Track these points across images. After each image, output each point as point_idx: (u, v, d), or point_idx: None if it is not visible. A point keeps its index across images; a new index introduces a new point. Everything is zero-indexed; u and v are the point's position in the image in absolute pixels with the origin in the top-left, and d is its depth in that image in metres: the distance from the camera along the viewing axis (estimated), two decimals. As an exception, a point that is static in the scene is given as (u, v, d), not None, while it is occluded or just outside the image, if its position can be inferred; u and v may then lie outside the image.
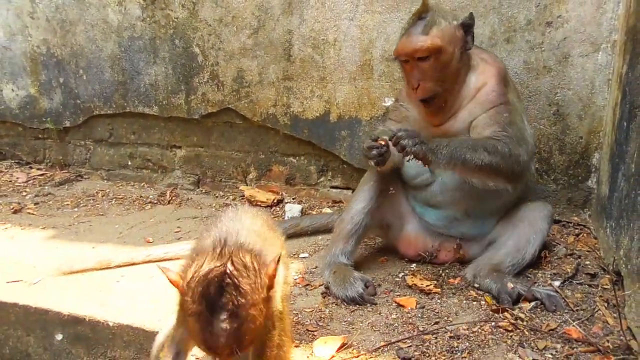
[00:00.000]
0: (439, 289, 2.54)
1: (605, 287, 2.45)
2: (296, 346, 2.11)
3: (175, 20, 3.93)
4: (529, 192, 2.96)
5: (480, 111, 2.59)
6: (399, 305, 2.40)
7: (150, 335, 2.30)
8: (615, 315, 2.18)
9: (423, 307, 2.39)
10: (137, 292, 2.61)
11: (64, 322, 2.51)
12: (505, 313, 2.29)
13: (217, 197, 4.07)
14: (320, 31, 3.62)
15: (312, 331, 2.22)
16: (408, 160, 2.43)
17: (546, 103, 3.26)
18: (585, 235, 3.09)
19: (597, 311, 2.29)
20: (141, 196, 4.07)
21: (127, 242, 3.25)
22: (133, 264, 2.92)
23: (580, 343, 2.05)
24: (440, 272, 2.72)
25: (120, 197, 4.08)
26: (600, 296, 2.41)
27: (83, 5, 4.14)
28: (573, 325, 2.15)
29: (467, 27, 2.58)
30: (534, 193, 3.27)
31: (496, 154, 2.42)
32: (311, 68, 3.70)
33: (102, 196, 4.10)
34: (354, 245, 2.75)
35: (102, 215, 3.75)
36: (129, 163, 4.41)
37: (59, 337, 2.55)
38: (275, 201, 3.82)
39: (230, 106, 3.95)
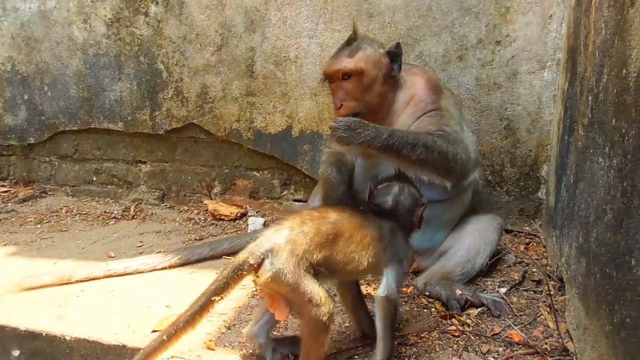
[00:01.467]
0: (393, 298, 2.61)
1: (549, 292, 2.56)
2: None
3: (140, 37, 3.99)
4: (478, 204, 3.07)
5: (411, 121, 2.71)
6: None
7: (107, 349, 2.34)
8: (555, 319, 2.28)
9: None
10: (96, 306, 2.63)
11: (21, 338, 2.50)
12: (453, 319, 2.38)
13: (181, 211, 4.11)
14: (282, 48, 3.72)
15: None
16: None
17: (497, 118, 3.40)
18: (535, 244, 3.22)
19: (539, 316, 2.39)
20: (105, 211, 4.09)
21: (88, 257, 3.26)
22: (94, 278, 2.93)
23: (521, 346, 2.14)
24: (395, 281, 2.80)
25: (85, 212, 4.09)
26: (544, 301, 2.52)
27: (48, 23, 4.18)
28: (515, 330, 2.24)
29: (394, 55, 2.70)
30: (486, 205, 3.40)
31: (434, 146, 2.49)
32: (273, 84, 3.80)
33: (66, 212, 4.10)
34: None
35: (65, 231, 3.75)
36: (94, 179, 4.43)
37: (16, 353, 2.54)
38: (239, 215, 3.87)
39: (194, 121, 4.01)
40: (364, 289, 2.68)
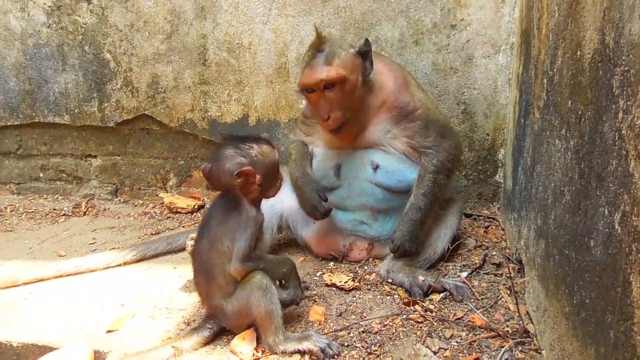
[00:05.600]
0: (357, 284, 2.58)
1: (509, 275, 2.59)
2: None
3: (84, 26, 3.79)
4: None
5: (392, 126, 2.71)
6: (315, 303, 2.43)
7: (58, 353, 2.22)
8: (515, 301, 2.30)
9: (339, 305, 2.43)
10: (45, 309, 2.50)
11: (-36, 347, 2.36)
12: (417, 305, 2.37)
13: (135, 205, 3.96)
14: (235, 35, 3.61)
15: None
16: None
17: (454, 102, 3.41)
18: (494, 227, 3.25)
19: (500, 299, 2.41)
20: (54, 209, 3.89)
21: (37, 258, 3.10)
22: (42, 279, 2.79)
23: (483, 330, 2.15)
24: (357, 269, 2.78)
25: (32, 211, 3.88)
26: (504, 284, 2.54)
27: (-18, 11, 3.92)
28: (477, 314, 2.25)
29: (365, 53, 2.61)
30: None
31: (434, 183, 2.67)
32: (227, 72, 3.69)
33: (11, 211, 3.89)
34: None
35: (11, 231, 3.55)
36: (41, 175, 4.21)
37: (-41, 363, 2.40)
38: (196, 207, 3.76)
39: (146, 112, 3.86)
40: (327, 277, 2.64)
